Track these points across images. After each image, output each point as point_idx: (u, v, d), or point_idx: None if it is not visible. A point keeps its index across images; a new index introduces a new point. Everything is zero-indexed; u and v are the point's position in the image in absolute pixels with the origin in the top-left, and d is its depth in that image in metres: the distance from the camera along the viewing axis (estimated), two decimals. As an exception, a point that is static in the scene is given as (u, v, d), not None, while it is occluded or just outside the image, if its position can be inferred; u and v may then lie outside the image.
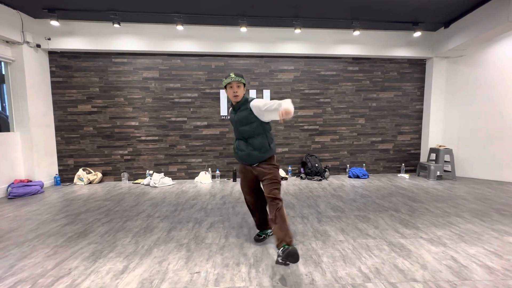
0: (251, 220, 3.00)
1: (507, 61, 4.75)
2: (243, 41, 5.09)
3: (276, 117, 1.96)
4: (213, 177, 5.26)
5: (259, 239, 2.49)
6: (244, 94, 2.22)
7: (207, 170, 5.27)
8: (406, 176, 5.43)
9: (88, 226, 2.89)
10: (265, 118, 2.13)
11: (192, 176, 5.38)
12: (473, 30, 4.48)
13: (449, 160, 5.21)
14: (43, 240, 2.56)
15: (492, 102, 4.97)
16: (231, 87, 2.17)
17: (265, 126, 2.20)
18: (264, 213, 2.45)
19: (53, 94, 4.98)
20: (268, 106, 2.02)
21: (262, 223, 2.49)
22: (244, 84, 2.22)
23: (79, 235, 2.65)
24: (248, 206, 2.52)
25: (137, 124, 5.22)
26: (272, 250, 2.29)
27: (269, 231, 2.53)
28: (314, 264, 2.06)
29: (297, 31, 4.85)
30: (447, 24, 5.02)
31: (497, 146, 4.94)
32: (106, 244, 2.44)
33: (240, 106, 2.20)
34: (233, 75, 2.15)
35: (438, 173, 5.13)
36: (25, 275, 1.95)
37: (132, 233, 2.69)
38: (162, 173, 5.09)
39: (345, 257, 2.16)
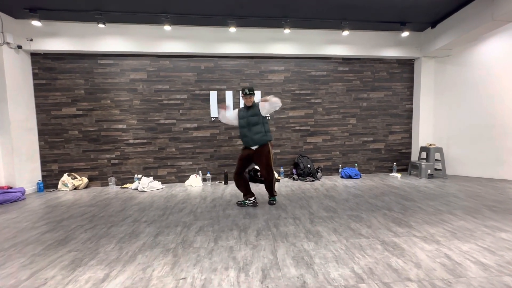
0: (241, 222, 2.93)
1: (493, 60, 4.84)
2: (233, 41, 5.04)
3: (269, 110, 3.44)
4: (204, 180, 5.14)
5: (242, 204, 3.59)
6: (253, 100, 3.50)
7: (198, 173, 5.15)
8: (398, 175, 5.44)
9: (70, 233, 2.74)
10: (263, 112, 3.45)
11: (183, 179, 5.25)
12: (459, 29, 4.55)
13: (439, 158, 5.24)
14: (20, 249, 2.40)
15: (480, 101, 5.04)
16: (245, 97, 3.42)
17: (263, 118, 3.46)
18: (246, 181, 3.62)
19: (35, 97, 4.79)
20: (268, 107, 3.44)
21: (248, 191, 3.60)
22: (254, 94, 3.50)
23: (59, 243, 2.51)
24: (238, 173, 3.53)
25: (124, 127, 5.08)
26: (262, 252, 2.21)
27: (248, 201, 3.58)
28: (306, 266, 1.98)
29: (287, 31, 4.83)
30: (434, 24, 5.09)
31: (486, 144, 4.99)
32: (87, 252, 2.31)
33: (251, 107, 3.46)
34: (247, 91, 3.38)
35: (429, 171, 5.15)
36: (-4, 287, 1.81)
37: (116, 239, 2.56)
38: (151, 177, 4.95)
39: (338, 258, 2.09)
